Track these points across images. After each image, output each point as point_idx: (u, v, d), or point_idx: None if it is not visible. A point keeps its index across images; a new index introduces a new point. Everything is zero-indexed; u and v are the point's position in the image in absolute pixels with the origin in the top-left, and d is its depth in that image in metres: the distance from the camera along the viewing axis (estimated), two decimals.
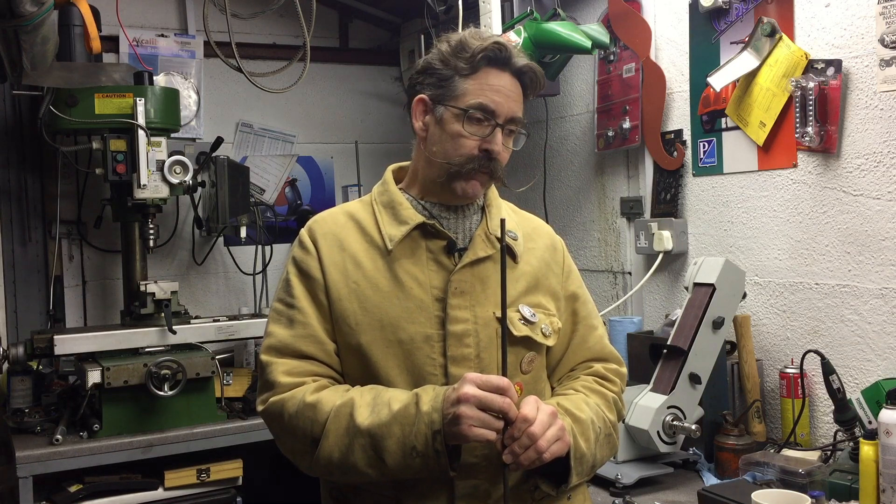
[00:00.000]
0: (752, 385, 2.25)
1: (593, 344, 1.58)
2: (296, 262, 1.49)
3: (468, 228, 1.50)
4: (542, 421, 1.29)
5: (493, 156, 1.42)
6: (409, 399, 1.33)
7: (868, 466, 1.70)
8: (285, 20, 3.50)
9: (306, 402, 1.36)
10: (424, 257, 1.45)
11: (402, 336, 1.41)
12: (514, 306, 1.46)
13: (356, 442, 1.32)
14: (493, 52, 1.42)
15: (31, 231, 3.11)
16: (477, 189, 1.46)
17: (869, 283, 2.07)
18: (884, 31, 1.98)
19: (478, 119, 1.42)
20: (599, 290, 3.03)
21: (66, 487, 2.40)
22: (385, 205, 1.50)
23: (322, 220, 1.52)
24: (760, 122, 2.30)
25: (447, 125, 1.44)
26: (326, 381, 1.43)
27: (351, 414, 1.33)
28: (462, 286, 1.43)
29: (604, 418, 1.48)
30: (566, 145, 3.17)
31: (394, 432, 1.30)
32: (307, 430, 1.36)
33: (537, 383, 1.51)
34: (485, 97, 1.41)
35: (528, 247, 1.54)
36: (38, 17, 2.10)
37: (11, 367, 2.62)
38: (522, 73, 1.45)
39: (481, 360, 1.42)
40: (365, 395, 1.37)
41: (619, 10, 2.73)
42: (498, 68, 1.43)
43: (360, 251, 1.46)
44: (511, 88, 1.44)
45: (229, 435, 2.60)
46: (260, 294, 3.42)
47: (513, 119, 1.44)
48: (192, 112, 3.34)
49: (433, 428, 1.28)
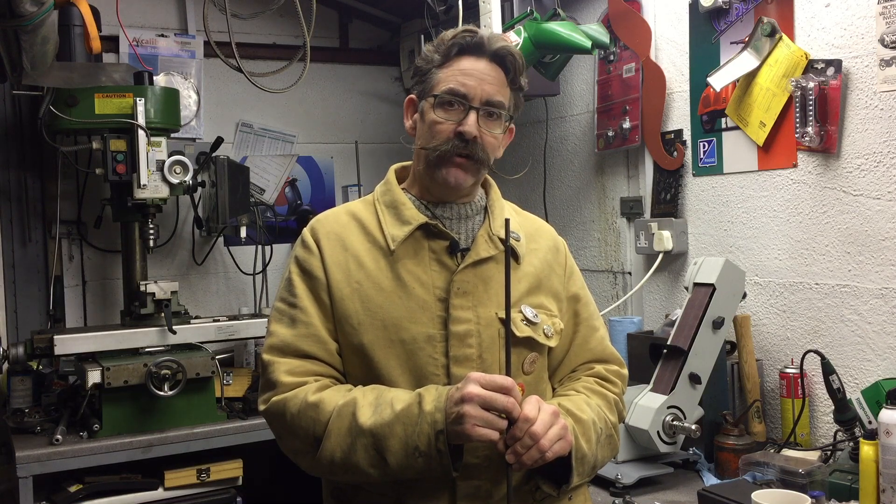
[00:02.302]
0: (752, 385, 2.25)
1: (594, 345, 1.58)
2: (298, 262, 1.48)
3: (471, 229, 1.50)
4: (544, 420, 1.29)
5: (468, 138, 1.41)
6: (412, 399, 1.32)
7: (868, 466, 1.70)
8: (285, 20, 3.50)
9: (308, 401, 1.36)
10: (427, 257, 1.45)
11: (405, 336, 1.41)
12: (516, 307, 1.45)
13: (359, 441, 1.32)
14: (463, 39, 1.44)
15: (31, 231, 3.11)
16: (460, 176, 1.44)
17: (869, 283, 2.07)
18: (884, 31, 1.98)
19: (449, 103, 1.42)
20: (599, 290, 3.03)
21: (66, 487, 2.40)
22: (388, 204, 1.50)
23: (325, 220, 1.52)
24: (760, 122, 2.30)
25: (426, 116, 1.46)
26: (328, 380, 1.43)
27: (353, 413, 1.33)
28: (465, 286, 1.43)
29: (605, 419, 1.48)
30: (566, 145, 3.17)
31: (396, 432, 1.30)
32: (309, 429, 1.36)
33: (539, 384, 1.51)
34: (454, 81, 1.42)
35: (531, 248, 1.54)
36: (38, 17, 2.10)
37: (11, 367, 2.62)
38: (499, 56, 1.45)
39: (483, 360, 1.42)
40: (367, 394, 1.37)
41: (619, 10, 2.73)
42: (472, 55, 1.44)
43: (362, 251, 1.46)
44: (487, 72, 1.43)
45: (229, 435, 2.60)
46: (260, 294, 3.42)
47: (489, 102, 1.43)
48: (192, 112, 3.34)
49: (436, 428, 1.28)
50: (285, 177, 3.63)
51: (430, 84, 1.45)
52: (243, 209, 3.16)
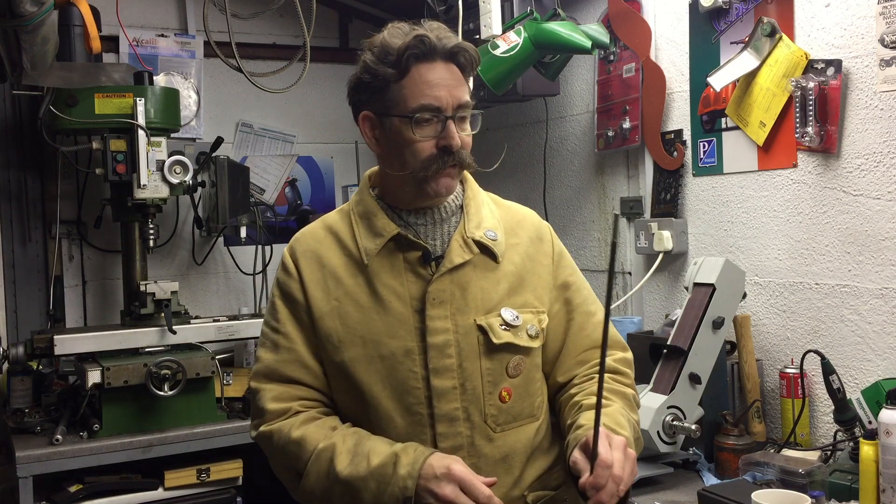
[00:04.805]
0: (752, 385, 2.25)
1: (592, 331, 1.55)
2: (279, 285, 1.50)
3: (447, 233, 1.48)
4: (619, 460, 1.27)
5: (453, 150, 1.39)
6: (388, 458, 1.33)
7: (868, 466, 1.71)
8: (285, 20, 3.50)
9: (291, 437, 1.40)
10: (402, 268, 1.44)
11: (384, 351, 1.41)
12: (494, 311, 1.44)
13: (335, 488, 1.36)
14: (415, 47, 1.38)
15: (31, 231, 3.11)
16: (450, 184, 1.44)
17: (869, 283, 2.07)
18: (884, 31, 1.98)
19: (426, 120, 1.38)
20: (599, 291, 3.01)
21: (66, 487, 2.40)
22: (361, 215, 1.49)
23: (302, 238, 1.53)
24: (760, 122, 2.30)
25: (399, 135, 1.41)
26: (314, 407, 1.45)
27: (331, 459, 1.36)
28: (440, 296, 1.42)
29: (632, 424, 1.46)
30: (566, 145, 3.17)
31: (369, 487, 1.32)
32: (292, 464, 1.41)
33: (529, 385, 1.49)
34: (425, 97, 1.37)
35: (511, 243, 1.51)
36: (38, 17, 2.10)
37: (11, 367, 2.62)
38: (453, 55, 1.41)
39: (463, 369, 1.42)
40: (347, 440, 1.38)
41: (619, 10, 2.73)
42: (427, 61, 1.39)
43: (339, 266, 1.46)
44: (447, 76, 1.39)
45: (229, 435, 2.60)
46: (260, 294, 3.42)
47: (460, 105, 1.40)
48: (192, 112, 3.34)
49: (406, 494, 1.29)
50: (285, 177, 3.63)
51: (393, 100, 1.40)
52: (243, 209, 3.16)
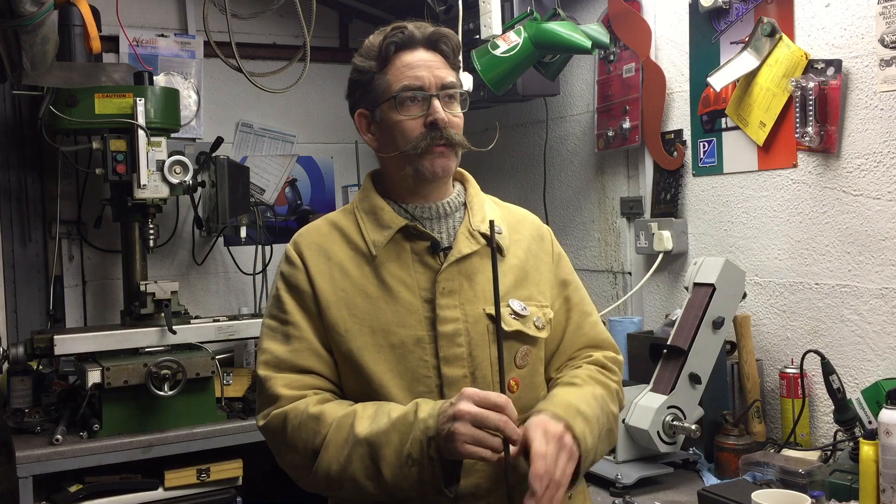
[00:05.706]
0: (752, 385, 2.25)
1: (588, 330, 1.58)
2: (284, 278, 1.49)
3: (451, 227, 1.50)
4: (552, 453, 1.27)
5: (441, 125, 1.42)
6: (409, 408, 1.32)
7: (868, 466, 1.70)
8: (285, 20, 3.50)
9: (310, 412, 1.37)
10: (410, 259, 1.45)
11: (394, 340, 1.41)
12: (503, 301, 1.44)
13: (355, 451, 1.31)
14: (394, 37, 1.45)
15: (31, 231, 3.11)
16: (445, 164, 1.45)
17: (869, 283, 2.07)
18: (884, 31, 1.98)
19: (410, 98, 1.42)
20: (599, 290, 3.03)
21: (66, 487, 2.40)
22: (367, 211, 1.50)
23: (306, 233, 1.52)
24: (760, 122, 2.30)
25: (389, 120, 1.45)
26: (329, 394, 1.43)
27: (352, 424, 1.33)
28: (449, 285, 1.43)
29: (608, 413, 1.47)
30: (566, 145, 3.17)
31: (392, 440, 1.29)
32: (309, 441, 1.36)
33: (534, 377, 1.50)
34: (405, 78, 1.42)
35: (514, 238, 1.53)
36: (38, 17, 2.10)
37: (11, 367, 2.62)
38: (433, 41, 1.47)
39: (473, 358, 1.42)
40: (368, 407, 1.37)
41: (619, 10, 2.73)
42: (407, 49, 1.45)
43: (345, 259, 1.46)
44: (429, 59, 1.45)
45: (229, 435, 2.60)
46: (260, 294, 3.42)
47: (444, 85, 1.44)
48: (192, 112, 3.34)
49: (428, 434, 1.26)
50: (285, 177, 3.63)
51: (379, 90, 1.45)
52: (243, 209, 3.16)
